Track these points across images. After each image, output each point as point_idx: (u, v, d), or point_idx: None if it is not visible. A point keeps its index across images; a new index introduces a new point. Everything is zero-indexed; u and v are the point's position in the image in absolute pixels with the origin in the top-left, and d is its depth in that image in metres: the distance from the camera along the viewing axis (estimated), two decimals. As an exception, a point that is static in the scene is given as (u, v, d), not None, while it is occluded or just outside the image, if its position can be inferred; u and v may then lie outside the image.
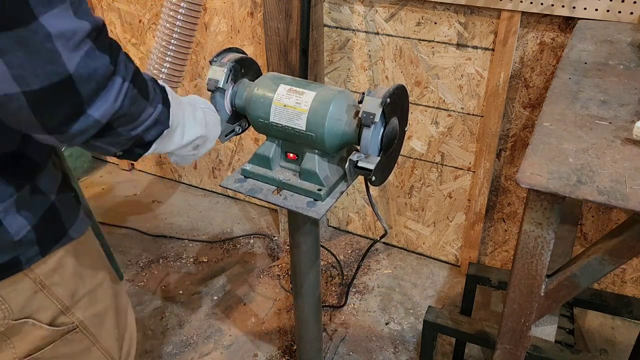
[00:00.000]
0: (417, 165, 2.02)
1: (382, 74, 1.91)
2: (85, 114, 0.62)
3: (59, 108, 0.61)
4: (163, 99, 0.76)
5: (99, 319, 0.94)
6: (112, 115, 0.65)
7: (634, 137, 0.85)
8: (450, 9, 1.69)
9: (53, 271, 0.83)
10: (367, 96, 0.97)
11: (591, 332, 1.84)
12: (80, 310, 0.89)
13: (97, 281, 0.93)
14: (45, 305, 0.84)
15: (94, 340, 0.94)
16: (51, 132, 0.62)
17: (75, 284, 0.87)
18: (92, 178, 2.74)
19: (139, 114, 0.70)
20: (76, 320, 0.89)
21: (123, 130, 0.69)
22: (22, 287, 0.80)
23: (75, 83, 0.60)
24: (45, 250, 0.80)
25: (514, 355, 1.02)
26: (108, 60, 0.63)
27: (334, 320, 1.92)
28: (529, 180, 0.79)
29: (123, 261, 2.18)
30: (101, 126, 0.65)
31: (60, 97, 0.60)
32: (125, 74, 0.66)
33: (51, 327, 0.85)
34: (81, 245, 0.88)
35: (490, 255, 2.08)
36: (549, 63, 1.63)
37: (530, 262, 0.89)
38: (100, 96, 0.63)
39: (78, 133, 0.64)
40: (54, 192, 0.81)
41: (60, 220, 0.82)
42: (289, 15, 1.80)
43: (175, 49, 1.46)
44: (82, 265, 0.88)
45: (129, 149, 0.74)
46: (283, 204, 1.07)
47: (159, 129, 0.75)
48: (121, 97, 0.65)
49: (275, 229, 2.38)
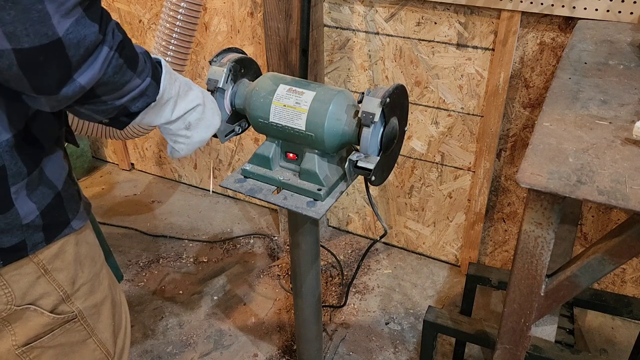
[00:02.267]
0: (417, 165, 2.02)
1: (382, 73, 1.91)
2: (72, 79, 0.65)
3: (48, 69, 0.63)
4: (153, 72, 0.77)
5: (97, 310, 0.96)
6: (97, 82, 0.68)
7: (634, 137, 0.85)
8: (450, 9, 1.69)
9: (55, 257, 0.85)
10: (366, 96, 0.97)
11: (591, 332, 1.84)
12: (79, 300, 0.91)
13: (95, 271, 0.95)
14: (48, 291, 0.86)
15: (91, 331, 0.95)
16: (39, 91, 0.65)
17: (75, 270, 0.89)
18: (92, 178, 2.74)
19: (124, 84, 0.72)
20: (76, 310, 0.91)
21: (108, 99, 0.72)
22: (26, 272, 0.82)
23: (64, 47, 0.62)
24: (50, 237, 0.83)
25: (514, 355, 1.02)
26: (97, 28, 0.65)
27: (334, 320, 1.92)
28: (529, 180, 0.78)
29: (123, 261, 2.18)
30: (85, 92, 0.67)
31: (49, 59, 0.62)
32: (112, 43, 0.68)
33: (52, 314, 0.87)
34: (81, 235, 0.90)
35: (490, 255, 2.08)
36: (549, 63, 1.63)
37: (530, 262, 0.89)
38: (87, 63, 0.65)
39: (64, 97, 0.66)
40: (61, 182, 0.84)
41: (65, 211, 0.84)
42: (289, 15, 1.80)
43: (175, 49, 1.46)
44: (82, 254, 0.91)
45: (115, 117, 0.77)
46: (283, 204, 1.07)
47: (144, 101, 0.77)
48: (105, 65, 0.67)
49: (275, 229, 2.38)
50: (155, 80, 0.78)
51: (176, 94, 0.84)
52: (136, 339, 1.86)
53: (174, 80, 0.83)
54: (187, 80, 0.90)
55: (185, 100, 0.87)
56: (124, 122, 0.79)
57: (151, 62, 0.78)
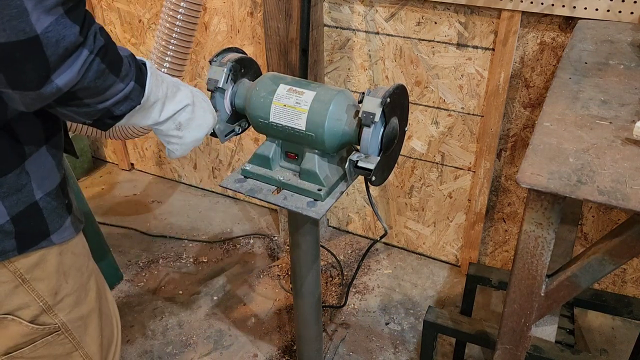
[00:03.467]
0: (417, 165, 2.01)
1: (382, 73, 1.91)
2: (49, 79, 0.64)
3: (25, 66, 0.62)
4: (137, 76, 0.76)
5: (83, 322, 0.93)
6: (75, 85, 0.67)
7: (634, 137, 0.85)
8: (451, 9, 1.69)
9: (34, 266, 0.83)
10: (367, 96, 0.97)
11: (591, 332, 1.84)
12: (63, 311, 0.89)
13: (81, 282, 0.92)
14: (26, 301, 0.83)
15: (77, 344, 0.93)
16: (14, 86, 0.64)
17: (58, 281, 0.87)
18: (92, 178, 2.74)
19: (106, 89, 0.71)
20: (58, 322, 0.88)
21: (90, 102, 0.71)
22: (2, 280, 0.80)
23: (42, 45, 0.61)
24: (23, 247, 0.80)
25: (514, 356, 1.02)
26: (78, 30, 0.64)
27: (334, 320, 1.92)
28: (529, 180, 0.78)
29: (123, 261, 2.18)
30: (62, 94, 0.66)
31: (26, 55, 0.61)
32: (93, 47, 0.67)
33: (33, 325, 0.85)
34: (66, 245, 0.87)
35: (490, 255, 2.08)
36: (549, 63, 1.63)
37: (531, 262, 0.89)
38: (66, 64, 0.64)
39: (40, 96, 0.65)
40: (43, 192, 0.81)
41: (43, 222, 0.82)
42: (289, 15, 1.80)
43: (175, 49, 1.46)
44: (67, 265, 0.88)
45: (99, 119, 0.76)
46: (283, 204, 1.07)
47: (129, 104, 0.76)
48: (85, 69, 0.66)
49: (275, 229, 2.38)
50: (140, 84, 0.77)
51: (164, 95, 0.83)
52: (136, 339, 1.86)
53: (160, 82, 0.82)
54: (175, 80, 0.89)
55: (173, 101, 0.86)
56: (108, 124, 0.78)
57: (136, 65, 0.77)
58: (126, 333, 1.88)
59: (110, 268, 2.03)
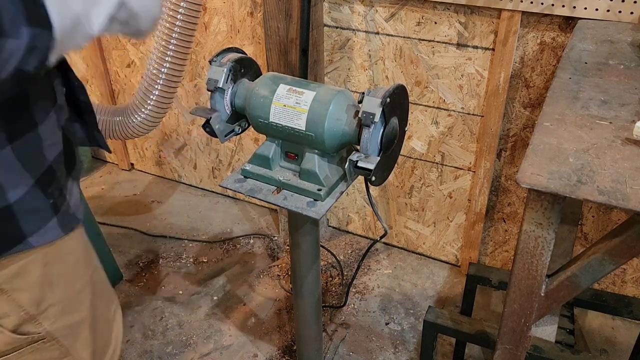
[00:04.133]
0: (417, 165, 2.01)
1: (382, 73, 1.91)
2: None
3: None
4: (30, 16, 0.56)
5: (72, 331, 0.88)
6: None
7: (634, 137, 0.85)
8: (451, 9, 1.69)
9: (15, 276, 0.77)
10: (367, 96, 0.97)
11: (591, 332, 1.84)
12: (48, 321, 0.83)
13: (73, 291, 0.87)
14: (7, 311, 0.78)
15: (66, 352, 0.88)
16: None
17: (41, 291, 0.81)
18: (92, 178, 2.74)
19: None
20: (43, 331, 0.83)
21: None
22: None
23: None
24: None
25: (514, 356, 1.02)
26: None
27: (334, 320, 1.92)
28: (529, 180, 0.78)
29: (123, 261, 2.18)
30: None
31: None
32: None
33: (15, 334, 0.80)
34: (54, 252, 0.81)
35: (490, 255, 2.08)
36: (549, 63, 1.63)
37: (531, 262, 0.89)
38: None
39: None
40: (16, 192, 0.73)
41: (17, 225, 0.74)
42: (289, 15, 1.80)
43: (175, 49, 1.46)
44: (53, 274, 0.82)
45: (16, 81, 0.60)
46: (283, 204, 1.07)
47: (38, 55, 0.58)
48: None
49: (275, 229, 2.38)
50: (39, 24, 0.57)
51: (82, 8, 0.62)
52: (136, 339, 1.86)
53: None
54: None
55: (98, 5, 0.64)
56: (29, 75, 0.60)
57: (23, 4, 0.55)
58: (126, 333, 1.88)
59: (110, 268, 2.03)
